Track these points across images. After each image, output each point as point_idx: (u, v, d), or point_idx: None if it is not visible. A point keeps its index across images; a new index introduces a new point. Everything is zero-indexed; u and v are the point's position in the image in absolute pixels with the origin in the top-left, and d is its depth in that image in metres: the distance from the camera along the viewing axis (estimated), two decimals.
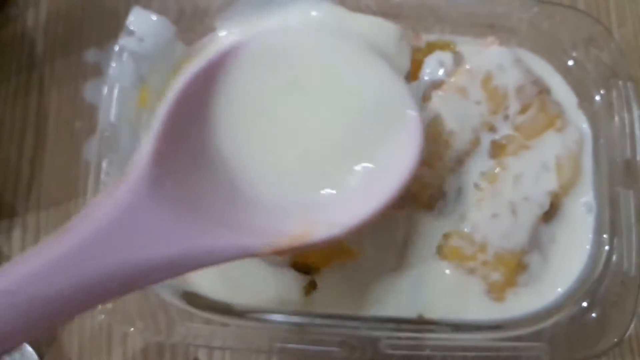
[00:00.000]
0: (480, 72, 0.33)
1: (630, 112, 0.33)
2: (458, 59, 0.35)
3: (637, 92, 0.33)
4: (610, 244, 0.32)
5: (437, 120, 0.33)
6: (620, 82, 0.33)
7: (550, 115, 0.34)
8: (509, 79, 0.33)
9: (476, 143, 0.33)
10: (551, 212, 0.33)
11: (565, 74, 0.36)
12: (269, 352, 0.34)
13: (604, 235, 0.33)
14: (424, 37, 0.36)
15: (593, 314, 0.31)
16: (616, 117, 0.33)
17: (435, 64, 0.34)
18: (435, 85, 0.34)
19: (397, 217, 0.32)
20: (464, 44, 0.36)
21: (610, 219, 0.33)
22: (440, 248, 0.32)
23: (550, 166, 0.33)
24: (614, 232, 0.32)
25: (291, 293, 0.32)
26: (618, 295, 0.31)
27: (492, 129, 0.33)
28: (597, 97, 0.34)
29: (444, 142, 0.33)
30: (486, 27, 0.36)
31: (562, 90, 0.35)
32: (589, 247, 0.33)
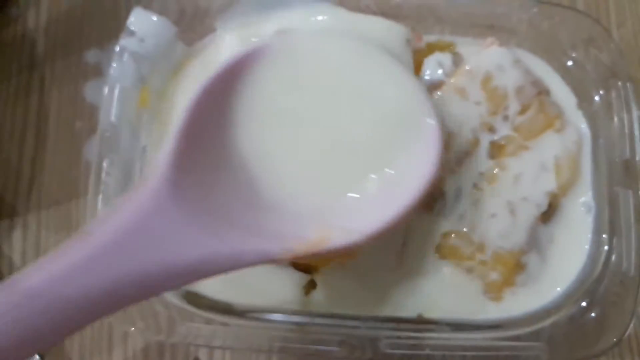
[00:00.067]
0: (479, 72, 0.33)
1: (630, 113, 0.33)
2: (457, 59, 0.35)
3: (636, 93, 0.33)
4: (610, 244, 0.32)
5: None
6: (620, 83, 0.33)
7: (549, 115, 0.34)
8: (509, 79, 0.33)
9: (475, 143, 0.33)
10: (550, 213, 0.33)
11: (564, 74, 0.36)
12: (269, 351, 0.34)
13: (603, 235, 0.33)
14: (424, 38, 0.36)
15: (592, 314, 0.31)
16: (615, 118, 0.33)
17: (435, 65, 0.34)
18: (435, 85, 0.34)
19: None
20: (464, 44, 0.36)
21: (609, 219, 0.33)
22: (439, 248, 0.32)
23: (549, 167, 0.33)
24: (613, 232, 0.32)
25: (291, 293, 0.32)
26: (617, 295, 0.31)
27: (491, 129, 0.33)
28: (597, 98, 0.34)
29: (444, 143, 0.33)
30: (486, 28, 0.36)
31: (561, 91, 0.35)
32: (587, 247, 0.33)
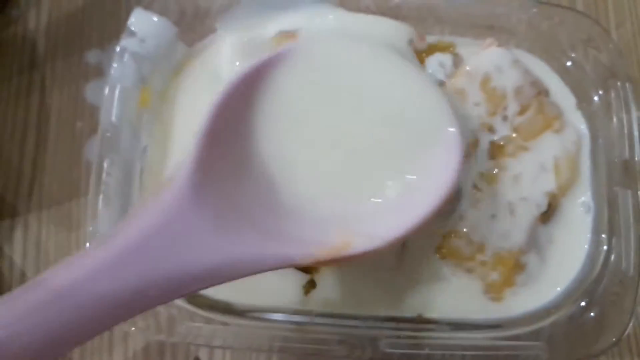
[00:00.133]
0: (479, 73, 0.33)
1: (629, 113, 0.33)
2: (457, 60, 0.35)
3: (636, 93, 0.33)
4: (609, 244, 0.32)
5: None
6: (619, 83, 0.33)
7: (548, 116, 0.34)
8: (508, 80, 0.33)
9: (475, 144, 0.33)
10: (549, 213, 0.33)
11: (563, 74, 0.36)
12: (269, 351, 0.34)
13: (602, 235, 0.33)
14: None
15: (591, 314, 0.31)
16: (614, 118, 0.33)
17: (437, 66, 0.34)
18: None
19: None
20: (464, 45, 0.36)
21: (608, 219, 0.33)
22: (439, 248, 0.32)
23: (549, 167, 0.33)
24: (612, 232, 0.32)
25: (291, 292, 0.32)
26: (616, 294, 0.31)
27: (491, 130, 0.33)
28: (596, 98, 0.34)
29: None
30: (485, 28, 0.36)
31: (560, 91, 0.35)
32: (587, 247, 0.33)
